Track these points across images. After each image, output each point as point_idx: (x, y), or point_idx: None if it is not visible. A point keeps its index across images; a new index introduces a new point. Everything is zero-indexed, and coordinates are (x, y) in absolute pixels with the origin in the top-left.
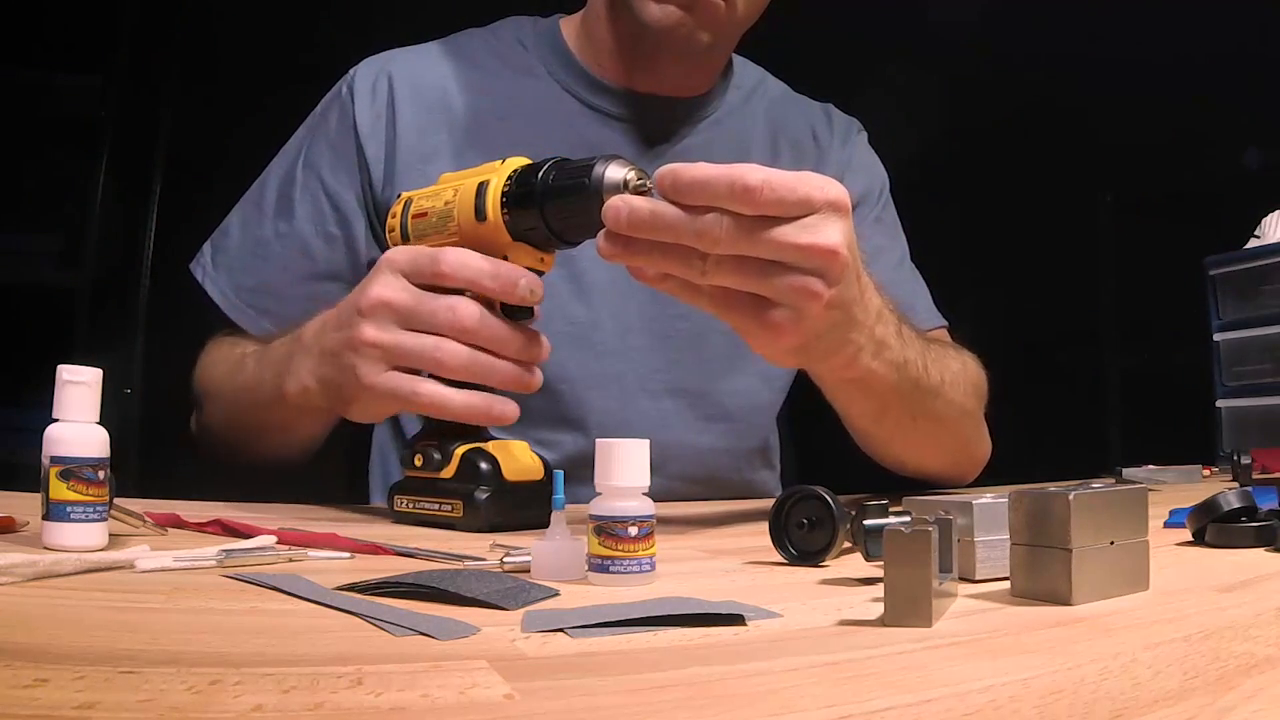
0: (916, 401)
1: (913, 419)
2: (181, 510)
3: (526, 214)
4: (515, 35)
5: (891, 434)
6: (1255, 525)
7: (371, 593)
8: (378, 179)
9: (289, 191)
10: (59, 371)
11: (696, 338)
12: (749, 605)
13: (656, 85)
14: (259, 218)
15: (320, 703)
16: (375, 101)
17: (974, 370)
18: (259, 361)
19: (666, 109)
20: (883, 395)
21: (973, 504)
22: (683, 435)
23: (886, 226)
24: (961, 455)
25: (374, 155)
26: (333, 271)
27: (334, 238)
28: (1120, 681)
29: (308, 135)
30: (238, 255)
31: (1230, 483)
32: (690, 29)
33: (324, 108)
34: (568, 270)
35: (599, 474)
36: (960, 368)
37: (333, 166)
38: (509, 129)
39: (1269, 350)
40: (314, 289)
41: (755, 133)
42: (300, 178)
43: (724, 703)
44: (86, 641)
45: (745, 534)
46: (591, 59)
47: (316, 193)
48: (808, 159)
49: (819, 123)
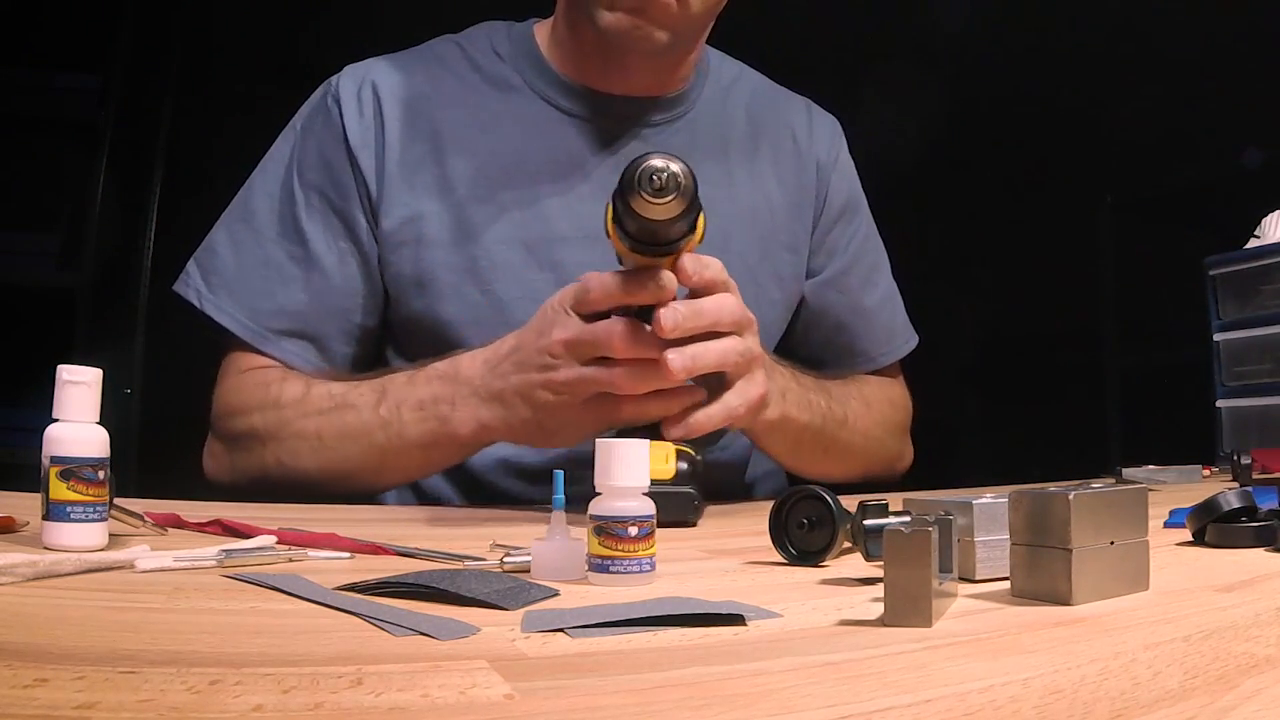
0: (827, 436)
1: (824, 450)
2: (181, 510)
3: (619, 226)
4: (490, 43)
5: (808, 464)
6: (1255, 525)
7: (371, 593)
8: (373, 188)
9: (290, 211)
10: (59, 371)
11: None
12: (749, 605)
13: (628, 86)
14: (255, 238)
15: (320, 703)
16: (363, 111)
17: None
18: (385, 404)
19: (639, 108)
20: (797, 434)
21: (973, 504)
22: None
23: (875, 243)
24: (875, 470)
25: (367, 165)
26: (351, 287)
27: (346, 253)
28: (1120, 681)
29: (291, 150)
30: (240, 278)
31: (1230, 483)
32: (645, 30)
33: (307, 119)
34: (554, 275)
35: (599, 474)
36: (861, 406)
37: (334, 180)
38: (489, 139)
39: (1269, 350)
40: (335, 305)
41: (734, 129)
42: (301, 197)
43: (724, 703)
44: (86, 641)
45: (745, 534)
46: (564, 63)
47: (325, 211)
48: (786, 159)
49: (799, 122)
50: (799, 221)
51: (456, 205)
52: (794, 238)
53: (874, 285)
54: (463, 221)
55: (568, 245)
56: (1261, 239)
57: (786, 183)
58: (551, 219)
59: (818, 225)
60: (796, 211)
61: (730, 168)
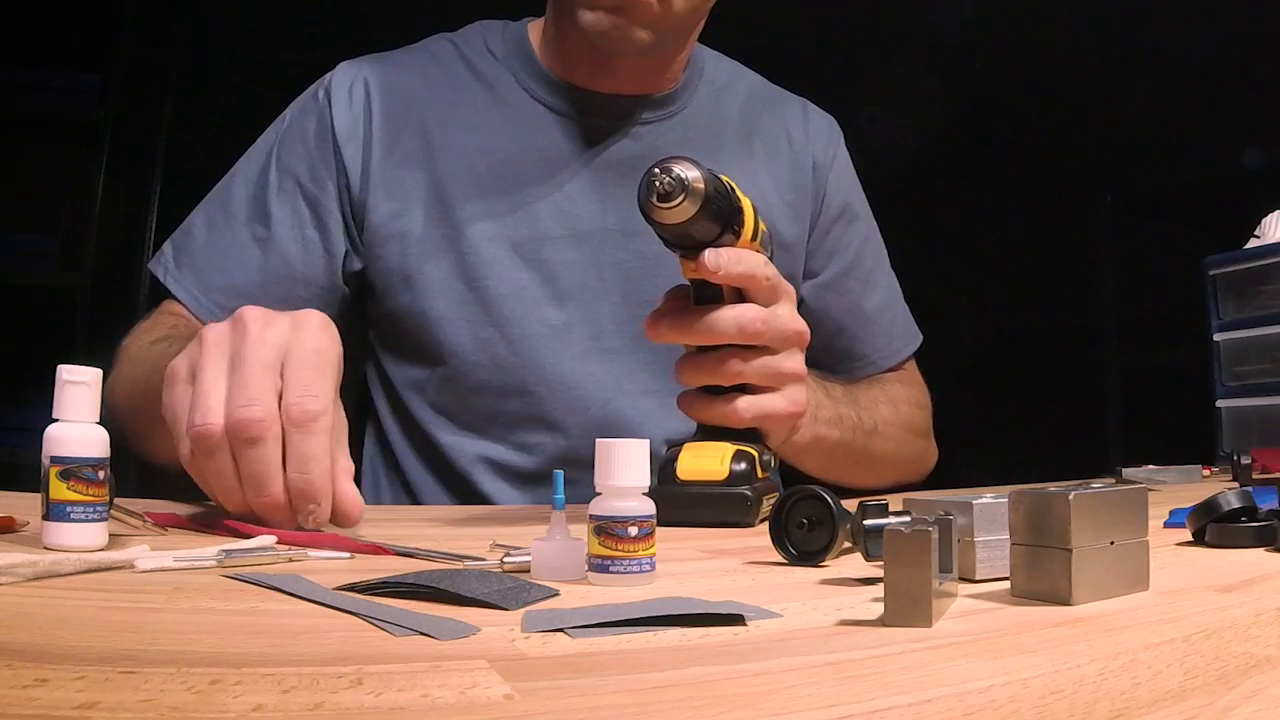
0: (858, 448)
1: (855, 463)
2: (181, 510)
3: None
4: (484, 42)
5: (839, 477)
6: (1255, 525)
7: (371, 593)
8: (355, 182)
9: (263, 195)
10: (59, 371)
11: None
12: (749, 605)
13: (616, 84)
14: (226, 219)
15: (320, 703)
16: (353, 105)
17: (906, 407)
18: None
19: (629, 107)
20: (829, 451)
21: (973, 504)
22: (663, 435)
23: (875, 244)
24: (904, 475)
25: (351, 158)
26: (309, 276)
27: (311, 241)
28: (1120, 681)
29: (277, 139)
30: (204, 256)
31: (1230, 483)
32: (626, 29)
33: (297, 112)
34: (541, 274)
35: (599, 474)
36: (890, 411)
37: (310, 169)
38: (480, 137)
39: (1269, 350)
40: (288, 292)
41: (727, 129)
42: (275, 180)
43: (724, 703)
44: (86, 641)
45: (745, 534)
46: (554, 62)
47: (294, 196)
48: (781, 159)
49: (795, 121)
50: (795, 222)
51: (445, 202)
52: (790, 237)
53: (874, 288)
54: (451, 218)
55: (555, 244)
56: (1261, 239)
57: (781, 183)
58: (540, 217)
59: (815, 226)
60: (792, 212)
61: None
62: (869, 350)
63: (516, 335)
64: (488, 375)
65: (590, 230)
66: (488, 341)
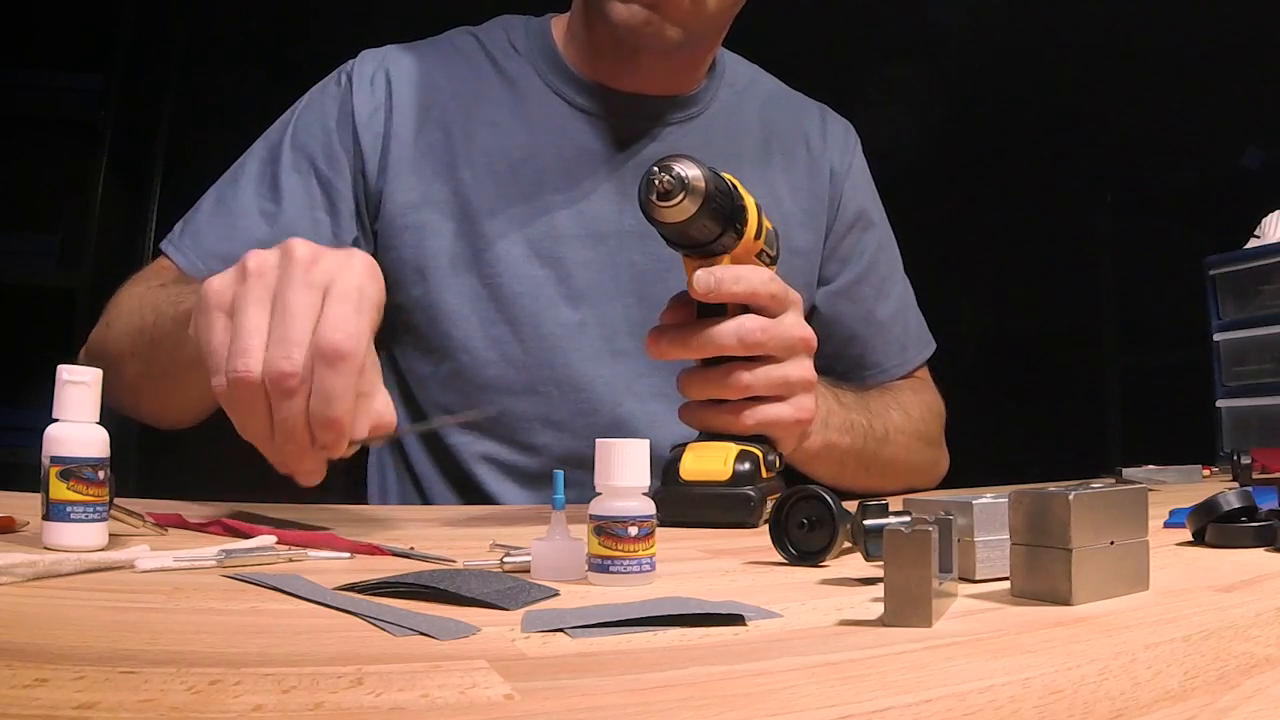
0: (868, 455)
1: (866, 470)
2: (182, 510)
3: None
4: (507, 36)
5: (850, 484)
6: (1255, 525)
7: (371, 593)
8: (372, 170)
9: (276, 171)
10: (59, 371)
11: None
12: (749, 605)
13: (640, 84)
14: (235, 193)
15: (320, 703)
16: (374, 93)
17: (917, 414)
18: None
19: (652, 107)
20: (840, 458)
21: (973, 504)
22: (671, 438)
23: (890, 252)
24: (915, 482)
25: (370, 145)
26: None
27: (321, 224)
28: (1120, 681)
29: (293, 119)
30: (208, 224)
31: (1230, 483)
32: (658, 26)
33: (317, 94)
34: (556, 273)
35: (599, 474)
36: (901, 418)
37: (327, 151)
38: (500, 132)
39: (1269, 350)
40: None
41: (748, 134)
42: (289, 160)
43: (724, 703)
44: (86, 641)
45: (745, 534)
46: (578, 59)
47: (308, 177)
48: (799, 166)
49: (813, 128)
50: (811, 230)
51: (462, 196)
52: (806, 244)
53: (888, 295)
54: (467, 212)
55: (571, 243)
56: (1261, 239)
57: (799, 189)
58: (556, 215)
59: (831, 232)
60: (809, 218)
61: (741, 173)
62: (882, 358)
63: (529, 334)
64: (498, 372)
65: (607, 231)
66: (499, 339)
